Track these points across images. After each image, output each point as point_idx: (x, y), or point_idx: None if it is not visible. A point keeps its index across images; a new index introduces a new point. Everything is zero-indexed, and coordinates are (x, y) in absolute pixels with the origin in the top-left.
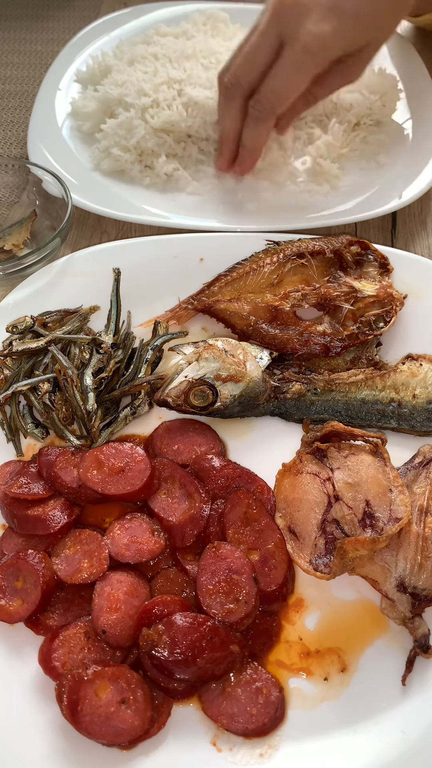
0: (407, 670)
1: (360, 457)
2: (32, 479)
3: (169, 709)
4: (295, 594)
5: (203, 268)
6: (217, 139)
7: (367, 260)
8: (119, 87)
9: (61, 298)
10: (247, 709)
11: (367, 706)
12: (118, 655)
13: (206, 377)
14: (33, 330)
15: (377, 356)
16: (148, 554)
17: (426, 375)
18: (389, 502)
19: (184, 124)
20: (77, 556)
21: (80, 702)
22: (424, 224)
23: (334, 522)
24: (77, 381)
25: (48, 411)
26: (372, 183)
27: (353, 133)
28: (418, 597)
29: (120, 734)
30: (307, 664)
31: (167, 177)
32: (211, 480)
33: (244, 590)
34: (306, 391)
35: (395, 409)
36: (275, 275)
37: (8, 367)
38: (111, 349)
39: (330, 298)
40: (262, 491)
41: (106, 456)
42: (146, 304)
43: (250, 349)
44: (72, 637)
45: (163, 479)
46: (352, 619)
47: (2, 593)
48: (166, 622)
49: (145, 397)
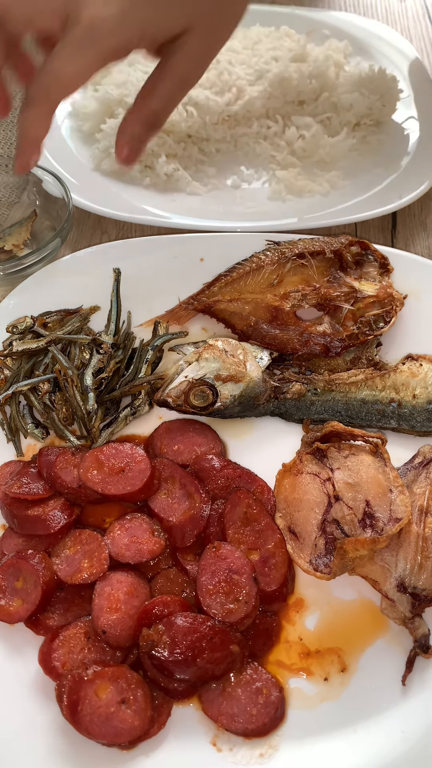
0: (407, 670)
1: (360, 457)
2: (32, 479)
3: (169, 709)
4: (295, 594)
5: (203, 268)
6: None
7: (367, 260)
8: (119, 87)
9: (61, 298)
10: (247, 709)
11: (367, 706)
12: (118, 655)
13: (206, 377)
14: (33, 330)
15: (377, 356)
16: (148, 554)
17: (426, 375)
18: (389, 502)
19: (184, 124)
20: (77, 556)
21: (80, 702)
22: (424, 224)
23: (334, 522)
24: (77, 381)
25: (48, 411)
26: (372, 183)
27: (353, 132)
28: (418, 597)
29: (120, 734)
30: (307, 664)
31: (167, 177)
32: (211, 480)
33: (244, 590)
34: (306, 391)
35: (395, 409)
36: (275, 275)
37: (8, 367)
38: (111, 349)
39: (330, 298)
40: (262, 491)
41: (107, 456)
42: (146, 304)
43: (250, 350)
44: (72, 637)
45: (163, 479)
46: (352, 619)
47: (2, 593)
48: (166, 622)
49: (145, 397)
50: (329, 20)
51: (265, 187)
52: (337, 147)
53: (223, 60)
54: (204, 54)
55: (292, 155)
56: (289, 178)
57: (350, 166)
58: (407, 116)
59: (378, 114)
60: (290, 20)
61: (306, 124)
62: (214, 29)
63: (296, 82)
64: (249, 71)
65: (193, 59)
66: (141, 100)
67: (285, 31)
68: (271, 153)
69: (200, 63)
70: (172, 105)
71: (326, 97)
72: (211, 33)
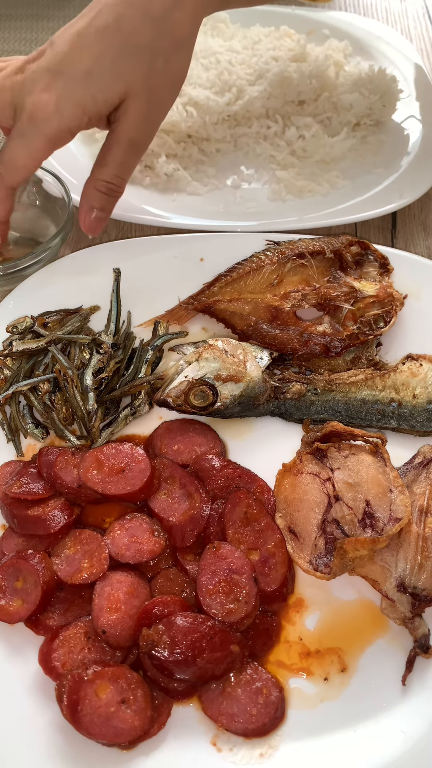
0: (407, 670)
1: (360, 457)
2: (32, 479)
3: (169, 709)
4: (295, 594)
5: (203, 268)
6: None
7: (367, 260)
8: None
9: (61, 298)
10: (247, 709)
11: (367, 706)
12: (118, 655)
13: (206, 377)
14: (33, 330)
15: (377, 356)
16: (148, 554)
17: (426, 375)
18: (389, 502)
19: (184, 124)
20: (77, 556)
21: (80, 702)
22: (424, 224)
23: (334, 522)
24: (77, 381)
25: (48, 411)
26: (372, 183)
27: (353, 132)
28: (418, 597)
29: (120, 734)
30: (307, 664)
31: (167, 177)
32: (211, 480)
33: (244, 590)
34: (306, 391)
35: (395, 409)
36: (275, 275)
37: (8, 367)
38: (111, 349)
39: (330, 298)
40: (262, 491)
41: (106, 456)
42: (146, 304)
43: (251, 349)
44: (72, 637)
45: (163, 479)
46: (352, 619)
47: (2, 593)
48: (166, 622)
49: (145, 397)
50: (329, 20)
51: (265, 187)
52: (337, 147)
53: (223, 60)
54: (147, 116)
55: (292, 155)
56: (289, 178)
57: (350, 166)
58: (407, 116)
59: (378, 114)
60: (290, 20)
61: (306, 124)
62: (153, 92)
63: (296, 82)
64: (249, 71)
65: (136, 123)
66: (96, 169)
67: (285, 31)
68: (271, 153)
69: (145, 125)
70: (127, 170)
71: (326, 97)
72: (151, 96)
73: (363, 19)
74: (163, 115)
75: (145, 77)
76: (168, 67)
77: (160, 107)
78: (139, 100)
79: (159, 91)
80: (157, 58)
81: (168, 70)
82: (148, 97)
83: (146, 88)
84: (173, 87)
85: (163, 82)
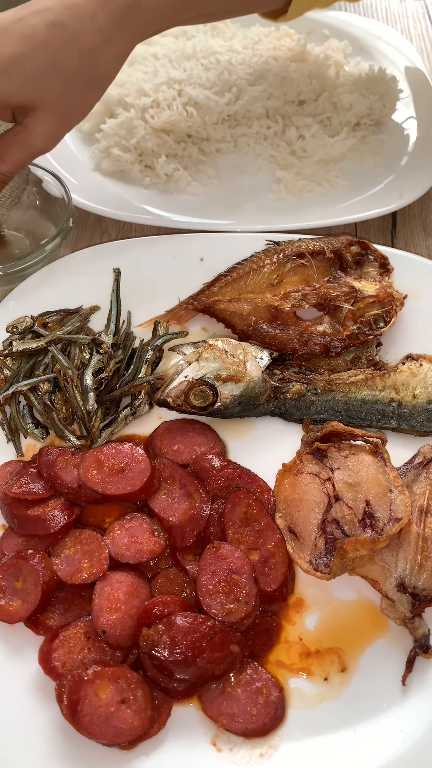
0: (407, 670)
1: (360, 457)
2: (32, 479)
3: (169, 709)
4: (295, 594)
5: (203, 268)
6: (218, 139)
7: (367, 260)
8: (119, 87)
9: (61, 298)
10: (247, 709)
11: (367, 706)
12: (118, 655)
13: (206, 377)
14: (33, 330)
15: (377, 356)
16: (148, 554)
17: (426, 375)
18: (389, 502)
19: (184, 124)
20: (77, 556)
21: (80, 702)
22: (424, 224)
23: (334, 522)
24: (77, 381)
25: (48, 411)
26: (372, 183)
27: (353, 132)
28: (418, 597)
29: (120, 734)
30: (307, 664)
31: (167, 177)
32: (211, 480)
33: (244, 590)
34: (306, 391)
35: (395, 409)
36: (275, 275)
37: (8, 367)
38: (111, 349)
39: (330, 298)
40: (262, 491)
41: (106, 456)
42: (146, 304)
43: (250, 349)
44: (72, 637)
45: (163, 479)
46: (352, 619)
47: (2, 593)
48: (166, 622)
49: (145, 397)
50: (329, 20)
51: (265, 188)
52: (337, 147)
53: (223, 60)
54: (55, 133)
55: (292, 155)
56: (289, 178)
57: (350, 166)
58: (407, 116)
59: (378, 114)
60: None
61: (306, 124)
62: (65, 114)
63: (296, 82)
64: (249, 71)
65: (44, 137)
66: None
67: (285, 31)
68: (271, 153)
69: (51, 139)
70: (17, 170)
71: (326, 97)
72: (62, 117)
73: (363, 19)
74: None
75: (60, 98)
76: (84, 97)
77: (67, 127)
78: (50, 118)
79: (71, 114)
80: (75, 87)
81: (84, 99)
82: (58, 117)
83: (59, 108)
84: (81, 114)
85: (76, 108)
